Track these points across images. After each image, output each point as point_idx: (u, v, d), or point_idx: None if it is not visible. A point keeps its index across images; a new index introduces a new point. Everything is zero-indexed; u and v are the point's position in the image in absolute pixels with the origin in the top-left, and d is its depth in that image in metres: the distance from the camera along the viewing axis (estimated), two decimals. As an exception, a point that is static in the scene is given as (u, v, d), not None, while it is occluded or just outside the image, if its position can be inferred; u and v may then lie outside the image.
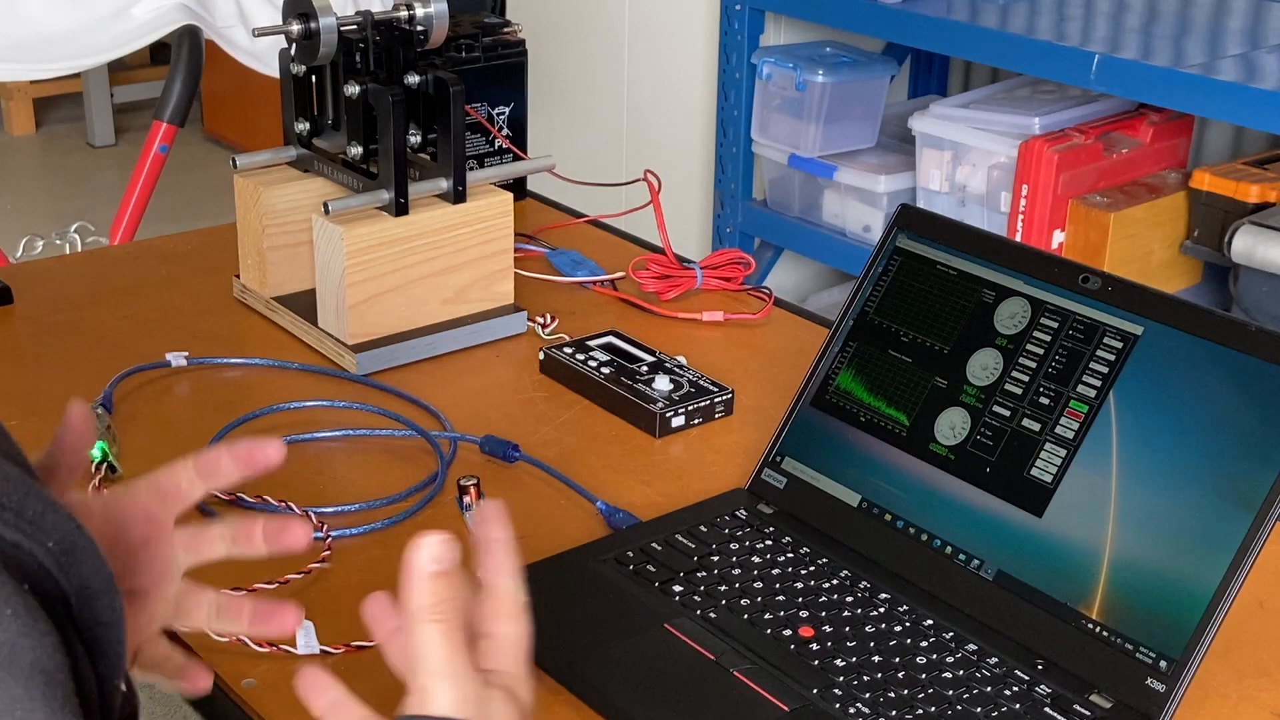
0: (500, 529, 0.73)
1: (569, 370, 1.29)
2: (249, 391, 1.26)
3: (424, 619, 0.68)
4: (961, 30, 2.29)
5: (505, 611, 0.71)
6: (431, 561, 0.68)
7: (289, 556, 1.03)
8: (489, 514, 0.74)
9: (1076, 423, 0.97)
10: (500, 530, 0.73)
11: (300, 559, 1.02)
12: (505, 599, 0.71)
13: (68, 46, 2.13)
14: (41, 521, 0.56)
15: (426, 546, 0.68)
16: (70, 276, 1.51)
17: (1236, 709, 0.93)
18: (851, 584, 1.01)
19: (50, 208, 4.17)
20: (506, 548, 0.72)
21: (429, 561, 0.68)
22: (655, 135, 2.87)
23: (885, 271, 1.10)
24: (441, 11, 1.30)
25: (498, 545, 0.72)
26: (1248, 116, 2.03)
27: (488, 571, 0.72)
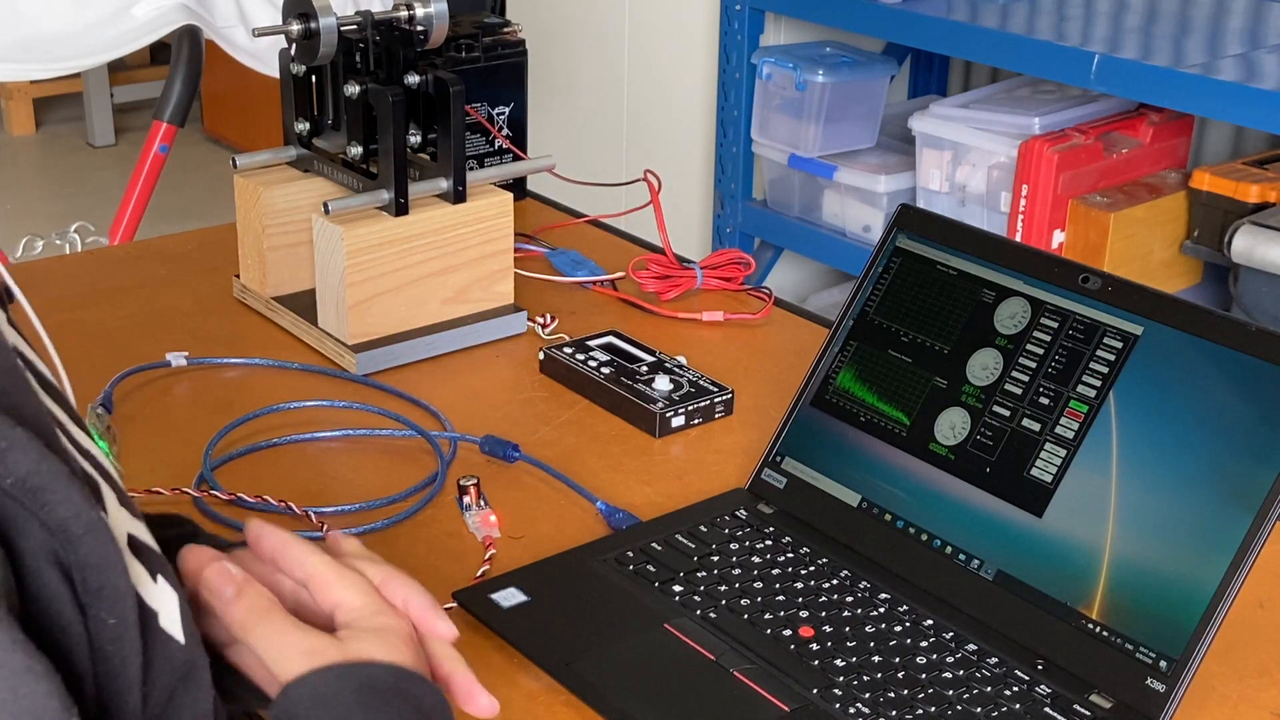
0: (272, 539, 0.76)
1: (569, 370, 1.29)
2: (249, 391, 1.26)
3: (246, 632, 0.71)
4: (961, 30, 2.29)
5: (330, 583, 0.74)
6: (223, 590, 0.72)
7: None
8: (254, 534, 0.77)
9: (1076, 423, 0.97)
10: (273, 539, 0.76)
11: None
12: (324, 573, 0.74)
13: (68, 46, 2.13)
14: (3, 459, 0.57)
15: (212, 584, 0.72)
16: (70, 276, 1.51)
17: (1236, 709, 0.93)
18: (851, 584, 1.01)
19: (50, 208, 4.17)
20: (290, 544, 0.75)
21: (221, 592, 0.72)
22: (655, 135, 2.87)
23: (885, 271, 1.10)
24: (441, 11, 1.30)
25: (283, 548, 0.75)
26: (1248, 116, 2.03)
27: (294, 569, 0.75)
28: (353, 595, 0.74)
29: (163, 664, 0.64)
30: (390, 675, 0.69)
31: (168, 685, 0.65)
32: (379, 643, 0.71)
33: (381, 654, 0.70)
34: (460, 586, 0.99)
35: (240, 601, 0.72)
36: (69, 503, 0.59)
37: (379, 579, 0.76)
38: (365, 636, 0.71)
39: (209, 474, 1.12)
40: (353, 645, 0.70)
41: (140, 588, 0.64)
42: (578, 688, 0.91)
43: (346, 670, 0.69)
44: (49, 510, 0.58)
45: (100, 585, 0.60)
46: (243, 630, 0.71)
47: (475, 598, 0.98)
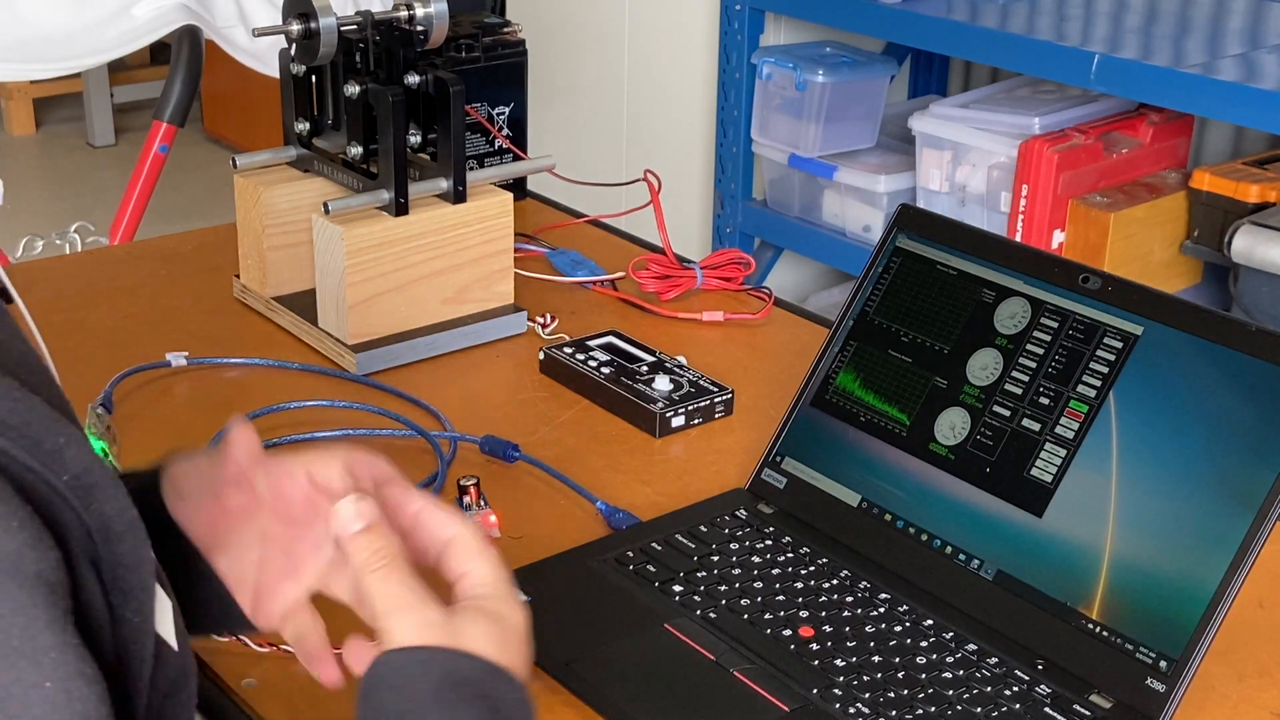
0: (416, 500, 0.76)
1: (569, 370, 1.29)
2: (249, 391, 1.26)
3: (365, 573, 0.70)
4: (961, 30, 2.29)
5: (473, 550, 0.74)
6: (354, 521, 0.71)
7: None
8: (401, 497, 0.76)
9: (1076, 423, 0.97)
10: (417, 501, 0.76)
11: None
12: (463, 543, 0.74)
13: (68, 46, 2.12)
14: (61, 455, 0.58)
15: (344, 510, 0.71)
16: (70, 276, 1.51)
17: (1236, 709, 0.93)
18: (851, 584, 1.01)
19: (50, 208, 4.17)
20: (434, 508, 0.75)
21: (351, 522, 0.71)
22: (655, 135, 2.87)
23: (885, 271, 1.10)
24: (441, 11, 1.30)
25: (426, 512, 0.75)
26: (1248, 116, 2.03)
27: (438, 528, 0.75)
28: (486, 571, 0.73)
29: (160, 669, 0.64)
30: (479, 672, 0.69)
31: (160, 690, 0.65)
32: (490, 630, 0.70)
33: (487, 644, 0.70)
34: (460, 586, 0.99)
35: (368, 538, 0.71)
36: (115, 500, 0.59)
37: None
38: (480, 621, 0.70)
39: (209, 474, 1.12)
40: (465, 628, 0.69)
41: None
42: (578, 688, 0.91)
43: (432, 656, 0.68)
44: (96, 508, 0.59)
45: (130, 586, 0.60)
46: (361, 570, 0.70)
47: (475, 598, 0.98)
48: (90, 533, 0.59)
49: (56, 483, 0.58)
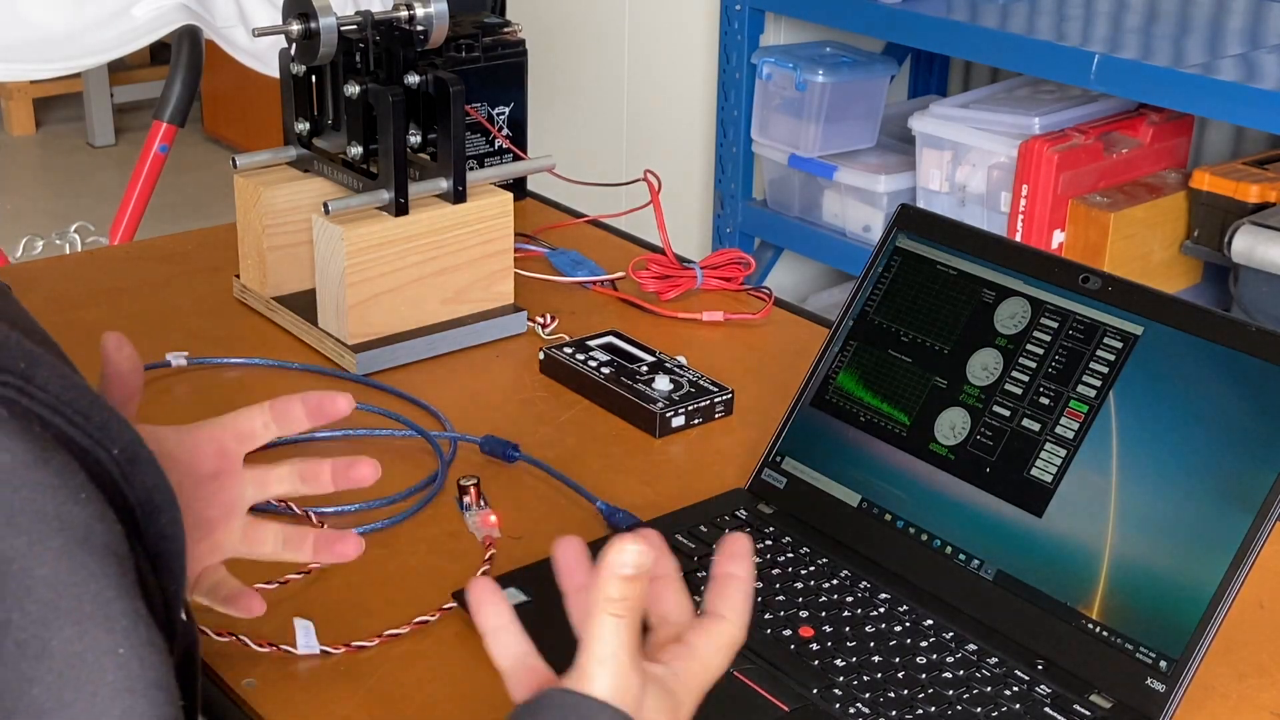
0: (743, 567, 0.74)
1: (569, 370, 1.29)
2: (249, 391, 1.26)
3: (604, 610, 0.68)
4: (961, 30, 2.29)
5: (717, 640, 0.72)
6: (626, 566, 0.69)
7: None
8: (736, 550, 0.75)
9: (1076, 423, 0.97)
10: (743, 568, 0.74)
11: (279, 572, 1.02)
12: (724, 631, 0.73)
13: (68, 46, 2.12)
14: (108, 429, 0.59)
15: (627, 551, 0.69)
16: (70, 276, 1.51)
17: (1236, 709, 0.93)
18: (851, 584, 1.01)
19: (50, 208, 4.17)
20: (745, 588, 0.74)
21: (624, 565, 0.69)
22: (655, 135, 2.87)
23: (885, 271, 1.10)
24: (441, 11, 1.30)
25: (736, 583, 0.74)
26: (1248, 116, 2.03)
27: (719, 602, 0.73)
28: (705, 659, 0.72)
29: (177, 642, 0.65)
30: None
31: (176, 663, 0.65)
32: (663, 706, 0.69)
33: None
34: (460, 586, 0.99)
35: (631, 585, 0.69)
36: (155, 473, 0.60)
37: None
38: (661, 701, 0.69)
39: (209, 474, 1.12)
40: (648, 702, 0.69)
41: None
42: (578, 688, 0.91)
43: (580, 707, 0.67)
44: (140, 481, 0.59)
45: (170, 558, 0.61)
46: (604, 607, 0.68)
47: (475, 598, 0.98)
48: (134, 506, 0.59)
49: (106, 458, 0.58)
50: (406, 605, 0.98)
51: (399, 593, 1.01)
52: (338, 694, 0.91)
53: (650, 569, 0.69)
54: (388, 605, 0.99)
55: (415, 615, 0.97)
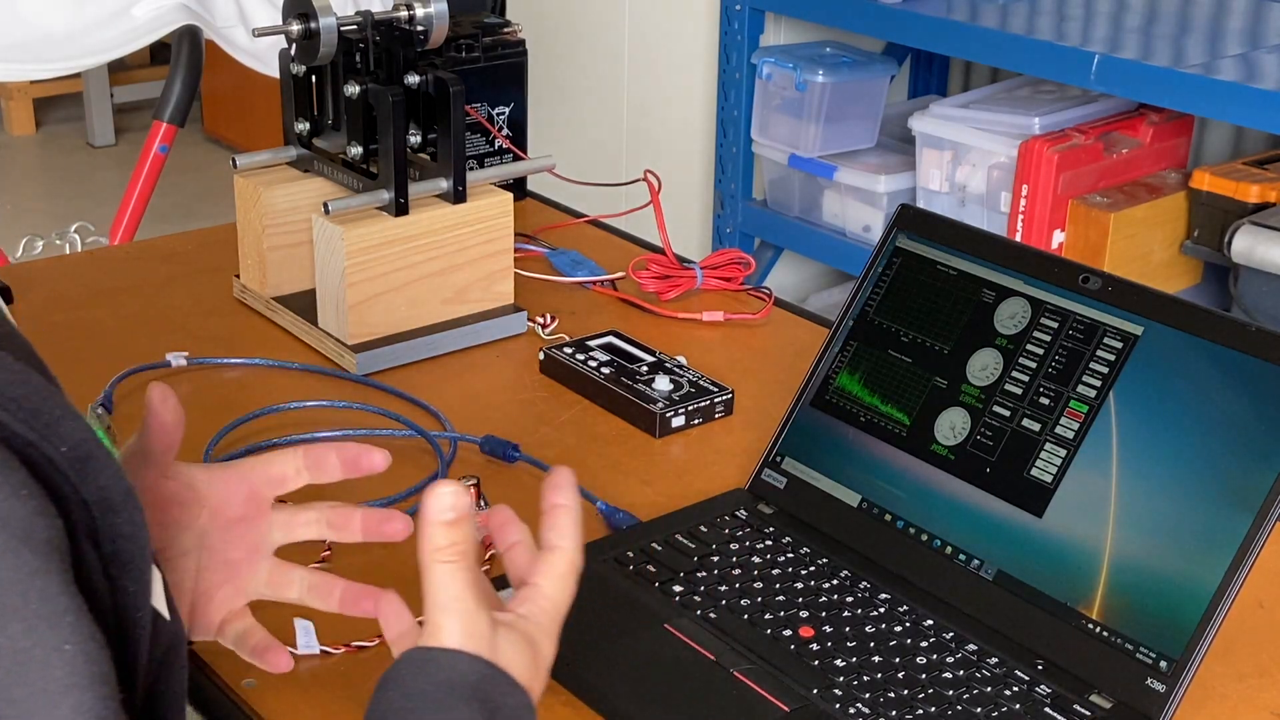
0: (569, 495, 0.76)
1: (569, 370, 1.29)
2: (249, 391, 1.26)
3: (434, 560, 0.70)
4: (961, 30, 2.29)
5: (554, 570, 0.74)
6: (445, 510, 0.71)
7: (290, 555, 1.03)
8: (559, 481, 0.76)
9: (1076, 423, 0.97)
10: (568, 497, 0.76)
11: (301, 558, 1.02)
12: (559, 560, 0.74)
13: (68, 46, 2.12)
14: (57, 427, 0.58)
15: (440, 496, 0.71)
16: (70, 276, 1.51)
17: (1236, 709, 0.93)
18: (851, 584, 1.01)
19: (50, 208, 4.17)
20: (572, 514, 0.75)
21: (442, 510, 0.71)
22: (655, 135, 2.87)
23: (885, 271, 1.09)
24: (441, 11, 1.30)
25: (564, 511, 0.76)
26: (1248, 116, 2.03)
27: (550, 533, 0.75)
28: (553, 597, 0.74)
29: (156, 637, 0.65)
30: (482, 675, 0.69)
31: (156, 659, 0.65)
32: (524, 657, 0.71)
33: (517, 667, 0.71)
34: (460, 586, 0.99)
35: (453, 529, 0.70)
36: (110, 472, 0.60)
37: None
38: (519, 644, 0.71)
39: (209, 474, 1.12)
40: (504, 647, 0.70)
41: None
42: (578, 688, 0.91)
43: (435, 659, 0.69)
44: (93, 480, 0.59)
45: (130, 556, 0.61)
46: (433, 556, 0.70)
47: (475, 598, 0.98)
48: (89, 505, 0.59)
49: (55, 455, 0.58)
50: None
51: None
52: (338, 694, 0.91)
53: (467, 506, 0.71)
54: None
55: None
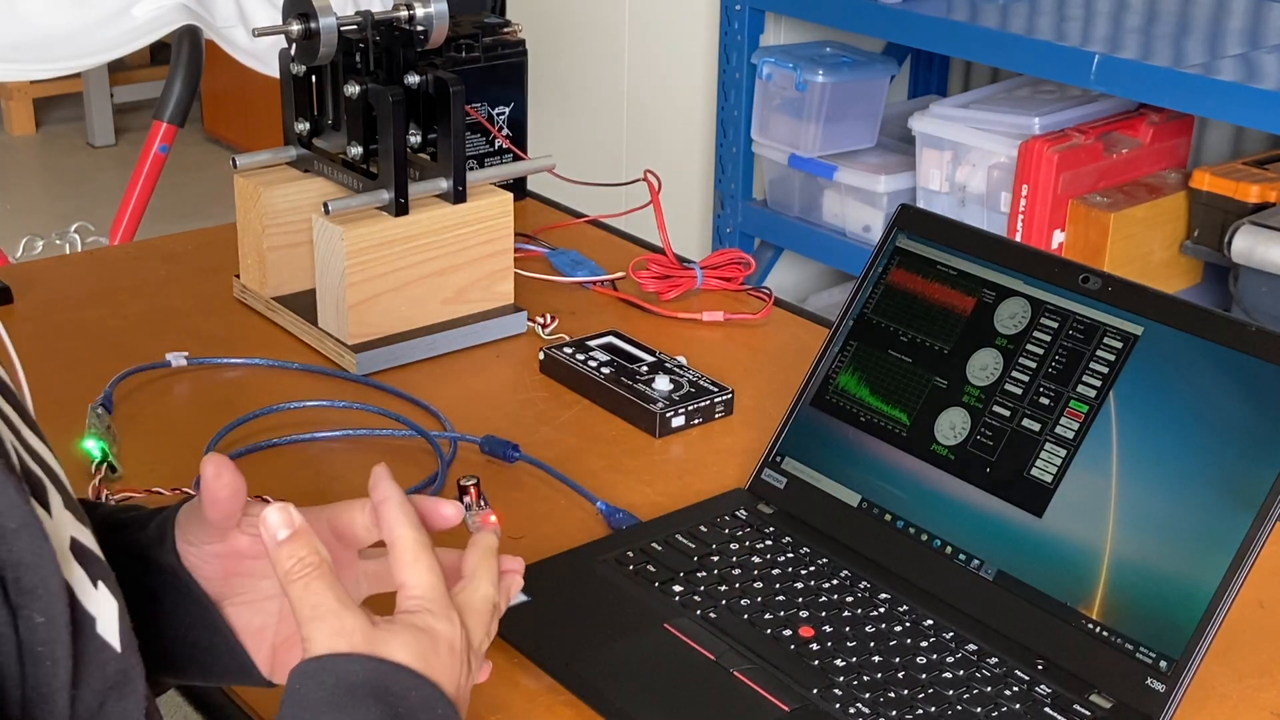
0: (385, 489, 0.74)
1: (569, 370, 1.29)
2: (249, 391, 1.26)
3: (289, 581, 0.69)
4: (961, 30, 2.29)
5: (406, 560, 0.72)
6: (278, 531, 0.70)
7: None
8: (375, 477, 0.75)
9: (1076, 423, 0.97)
10: (386, 489, 0.74)
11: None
12: (405, 549, 0.72)
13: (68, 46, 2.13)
14: None
15: (267, 522, 0.70)
16: (70, 276, 1.51)
17: (1236, 709, 0.93)
18: (851, 584, 1.01)
19: (50, 208, 4.17)
20: (395, 503, 0.73)
21: (275, 533, 0.70)
22: (655, 135, 2.87)
23: (885, 271, 1.09)
24: (441, 11, 1.30)
25: (386, 504, 0.73)
26: (1248, 116, 2.03)
27: (385, 529, 0.73)
28: (416, 582, 0.71)
29: (95, 670, 0.63)
30: (376, 673, 0.67)
31: (99, 691, 0.64)
32: (413, 643, 0.69)
33: (407, 655, 0.68)
34: (460, 586, 0.99)
35: (290, 546, 0.69)
36: (4, 497, 0.58)
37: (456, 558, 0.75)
38: (403, 634, 0.69)
39: (209, 474, 1.12)
40: (383, 638, 0.68)
41: (79, 592, 0.63)
42: (578, 688, 0.91)
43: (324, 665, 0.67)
44: None
45: (34, 584, 0.59)
46: (285, 578, 0.69)
47: (475, 598, 0.98)
48: None
49: None
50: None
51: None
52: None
53: (298, 520, 0.70)
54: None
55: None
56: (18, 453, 0.63)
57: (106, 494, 1.08)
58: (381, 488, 0.74)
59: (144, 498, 1.09)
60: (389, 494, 0.74)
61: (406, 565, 0.72)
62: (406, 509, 0.73)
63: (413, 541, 0.72)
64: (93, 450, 1.12)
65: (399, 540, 0.72)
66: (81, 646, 0.62)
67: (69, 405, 1.20)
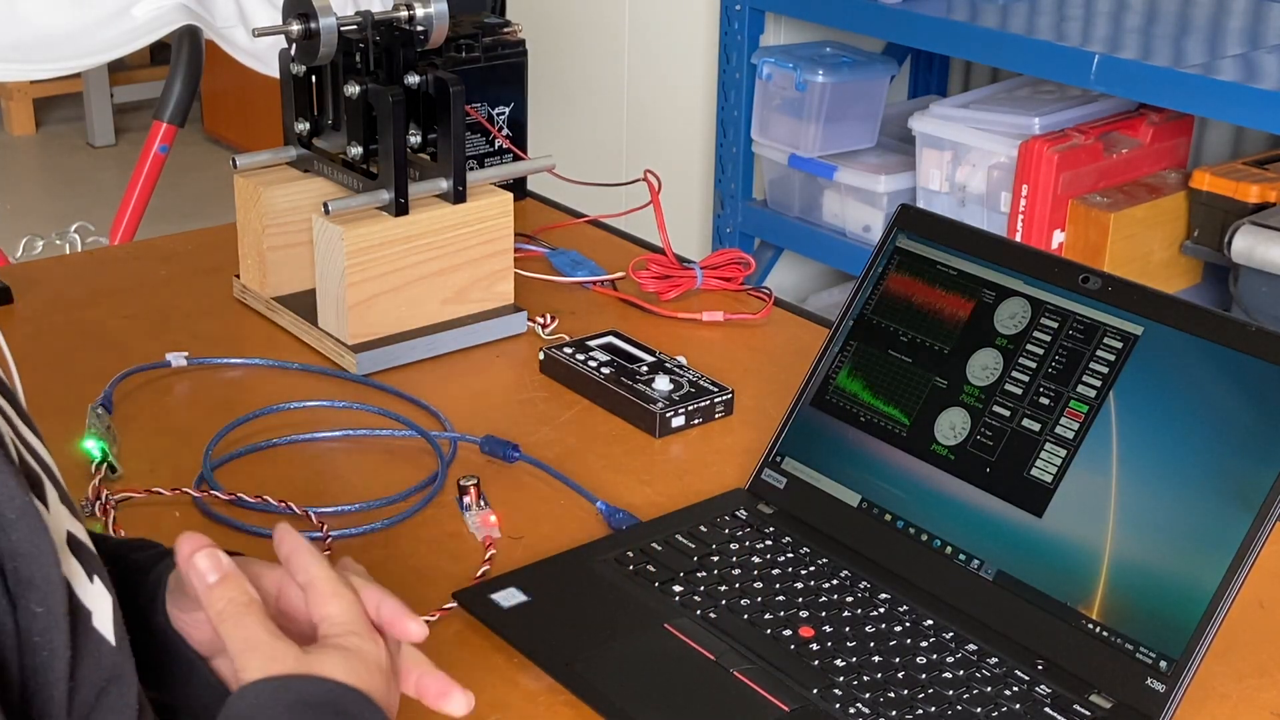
0: (291, 541, 0.76)
1: (569, 370, 1.29)
2: (249, 391, 1.26)
3: (220, 621, 0.71)
4: (961, 30, 2.29)
5: (325, 596, 0.74)
6: (209, 573, 0.72)
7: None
8: (278, 536, 0.76)
9: (1076, 423, 0.97)
10: (290, 542, 0.76)
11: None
12: (323, 585, 0.74)
13: (68, 46, 2.12)
14: None
15: (197, 569, 0.72)
16: (70, 276, 1.51)
17: (1236, 709, 0.93)
18: (851, 584, 1.01)
19: (50, 208, 4.17)
20: (301, 550, 0.75)
21: (207, 574, 0.72)
22: (655, 135, 2.87)
23: (885, 271, 1.09)
24: (441, 11, 1.30)
25: (294, 553, 0.75)
26: (1248, 116, 2.03)
27: (298, 574, 0.75)
28: (339, 611, 0.73)
29: (92, 662, 0.64)
30: (332, 693, 0.69)
31: (96, 684, 0.65)
32: (344, 662, 0.70)
33: (342, 673, 0.70)
34: (460, 586, 1.00)
35: (221, 589, 0.71)
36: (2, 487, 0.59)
37: (362, 592, 0.76)
38: (333, 654, 0.71)
39: (209, 474, 1.12)
40: (316, 660, 0.70)
41: (75, 585, 0.64)
42: (578, 688, 0.91)
43: (285, 683, 0.68)
44: None
45: (31, 574, 0.60)
46: (218, 619, 0.71)
47: (475, 598, 0.98)
48: None
49: None
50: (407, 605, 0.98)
51: (399, 593, 1.00)
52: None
53: (225, 561, 0.72)
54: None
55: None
56: (16, 448, 0.64)
57: (106, 494, 1.08)
58: (287, 541, 0.76)
59: (144, 498, 1.09)
60: (296, 544, 0.75)
61: (327, 598, 0.73)
62: (315, 552, 0.75)
63: (329, 578, 0.74)
64: (93, 450, 1.12)
65: (316, 580, 0.74)
66: (79, 639, 0.63)
67: (69, 405, 1.20)
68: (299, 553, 0.75)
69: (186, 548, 0.73)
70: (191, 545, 0.73)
